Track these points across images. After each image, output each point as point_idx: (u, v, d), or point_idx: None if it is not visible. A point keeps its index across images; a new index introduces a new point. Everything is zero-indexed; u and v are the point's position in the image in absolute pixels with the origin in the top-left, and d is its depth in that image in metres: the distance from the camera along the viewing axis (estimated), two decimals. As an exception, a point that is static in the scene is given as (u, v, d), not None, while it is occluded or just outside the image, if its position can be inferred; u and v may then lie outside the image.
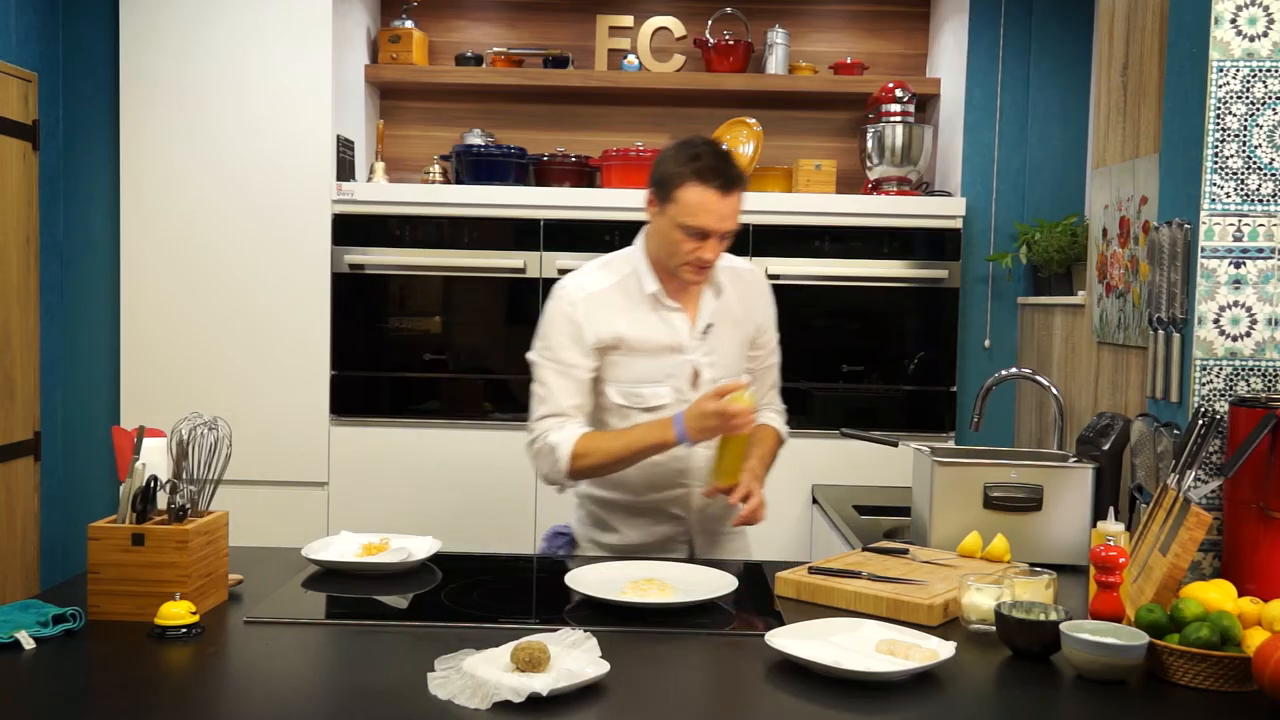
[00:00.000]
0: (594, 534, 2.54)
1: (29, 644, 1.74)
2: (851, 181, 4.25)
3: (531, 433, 2.42)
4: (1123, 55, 3.00)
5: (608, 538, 2.51)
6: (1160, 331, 2.37)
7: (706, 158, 2.31)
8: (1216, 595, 1.83)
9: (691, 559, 2.43)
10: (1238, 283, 2.25)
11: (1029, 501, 2.47)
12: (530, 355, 2.46)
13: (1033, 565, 2.25)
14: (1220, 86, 2.23)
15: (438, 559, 2.31)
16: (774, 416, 2.60)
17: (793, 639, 1.78)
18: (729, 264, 2.51)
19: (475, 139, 4.11)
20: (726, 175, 2.31)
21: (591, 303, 2.40)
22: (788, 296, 3.90)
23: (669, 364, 2.42)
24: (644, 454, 2.35)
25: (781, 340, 2.65)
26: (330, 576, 2.21)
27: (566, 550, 2.57)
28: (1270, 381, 2.25)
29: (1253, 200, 2.24)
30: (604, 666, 1.63)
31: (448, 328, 3.91)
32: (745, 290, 2.52)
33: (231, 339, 3.82)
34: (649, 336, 2.41)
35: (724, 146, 2.40)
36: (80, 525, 3.86)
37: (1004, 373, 3.14)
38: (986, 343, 4.00)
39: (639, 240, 2.48)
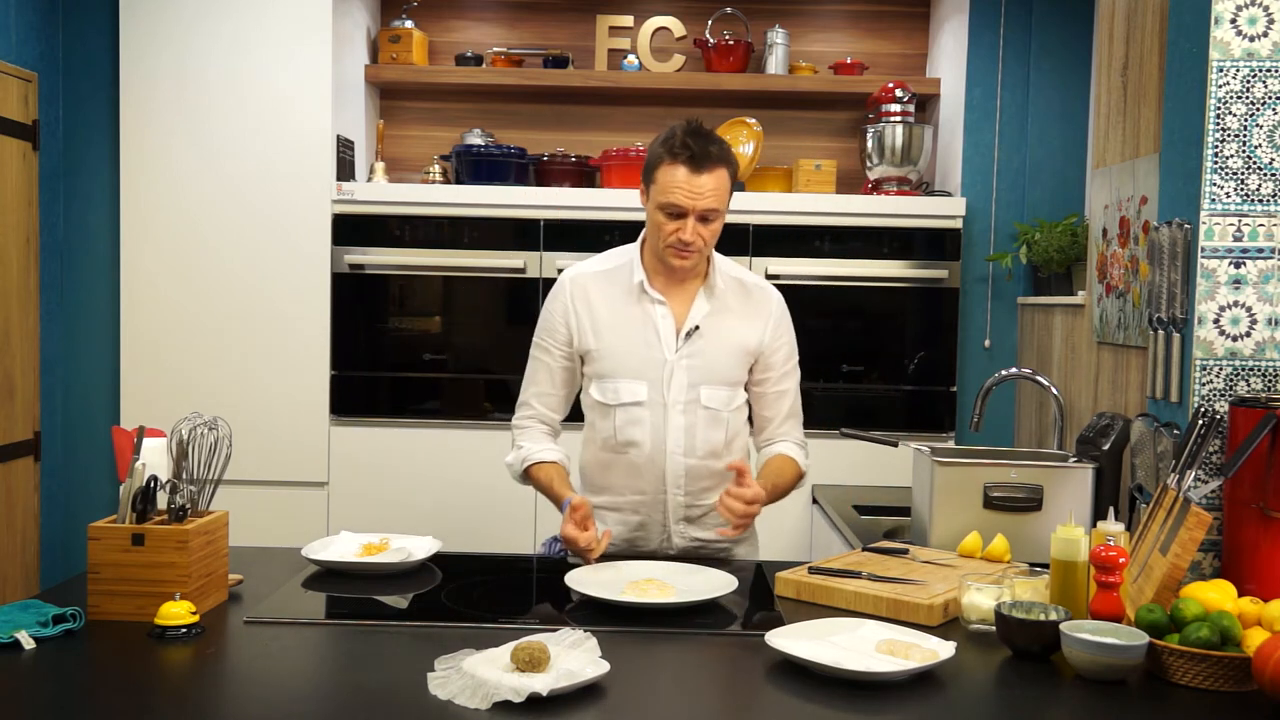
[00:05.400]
0: None
1: (29, 644, 1.74)
2: (851, 181, 4.25)
3: (516, 413, 2.53)
4: (1123, 55, 3.00)
5: None
6: (1160, 331, 2.37)
7: (679, 136, 2.30)
8: (1216, 595, 1.83)
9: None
10: (1238, 283, 2.25)
11: (1029, 501, 2.47)
12: None
13: (1033, 565, 2.25)
14: (1220, 86, 2.23)
15: (438, 559, 2.31)
16: (793, 449, 2.48)
17: (793, 639, 1.78)
18: (738, 275, 2.47)
19: (475, 139, 4.11)
20: (695, 151, 2.27)
21: (578, 285, 2.44)
22: (788, 297, 3.88)
23: (646, 359, 2.39)
24: (555, 501, 2.41)
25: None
26: (330, 576, 2.21)
27: (563, 554, 2.56)
28: (1270, 381, 2.25)
29: (1253, 200, 2.24)
30: (604, 666, 1.63)
31: (448, 328, 3.91)
32: (751, 306, 2.45)
33: (231, 339, 3.82)
34: (629, 326, 2.40)
35: (704, 126, 2.34)
36: (80, 525, 3.86)
37: (1004, 373, 3.14)
38: (986, 343, 4.00)
39: (641, 236, 2.49)
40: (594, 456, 2.49)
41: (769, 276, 3.82)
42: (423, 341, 3.90)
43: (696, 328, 2.39)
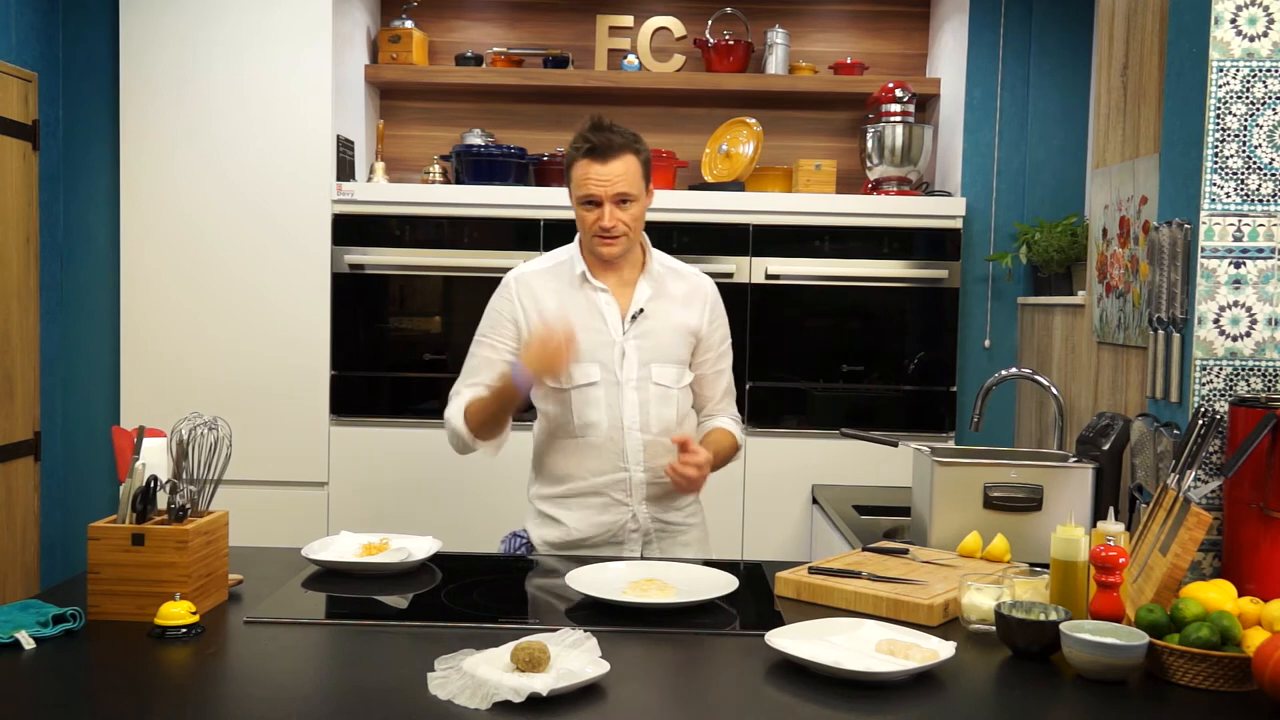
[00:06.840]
0: (545, 533, 2.57)
1: (29, 644, 1.74)
2: (851, 181, 4.25)
3: (449, 406, 2.53)
4: (1123, 55, 3.00)
5: (556, 533, 2.55)
6: (1160, 331, 2.37)
7: (581, 133, 2.42)
8: (1216, 595, 1.83)
9: (643, 556, 2.49)
10: (1238, 283, 2.25)
11: (1029, 501, 2.47)
12: None
13: (1033, 565, 2.25)
14: (1220, 86, 2.23)
15: (438, 559, 2.32)
16: (729, 423, 2.63)
17: (793, 639, 1.78)
18: (674, 266, 2.59)
19: (475, 139, 4.11)
20: (596, 143, 2.38)
21: (523, 283, 2.54)
22: (788, 296, 3.92)
23: (596, 343, 2.47)
24: (505, 401, 2.40)
25: (782, 340, 2.68)
26: (330, 576, 2.21)
27: (525, 550, 2.60)
28: (1270, 381, 2.25)
29: (1253, 200, 2.24)
30: (604, 666, 1.63)
31: (448, 328, 3.91)
32: (689, 291, 2.57)
33: (231, 339, 3.82)
34: (575, 313, 2.47)
35: (607, 120, 2.43)
36: (80, 525, 3.86)
37: (1004, 373, 3.14)
38: (986, 343, 4.00)
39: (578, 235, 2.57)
40: (552, 447, 2.55)
41: (769, 276, 3.82)
42: (423, 341, 3.90)
43: (641, 310, 2.49)
